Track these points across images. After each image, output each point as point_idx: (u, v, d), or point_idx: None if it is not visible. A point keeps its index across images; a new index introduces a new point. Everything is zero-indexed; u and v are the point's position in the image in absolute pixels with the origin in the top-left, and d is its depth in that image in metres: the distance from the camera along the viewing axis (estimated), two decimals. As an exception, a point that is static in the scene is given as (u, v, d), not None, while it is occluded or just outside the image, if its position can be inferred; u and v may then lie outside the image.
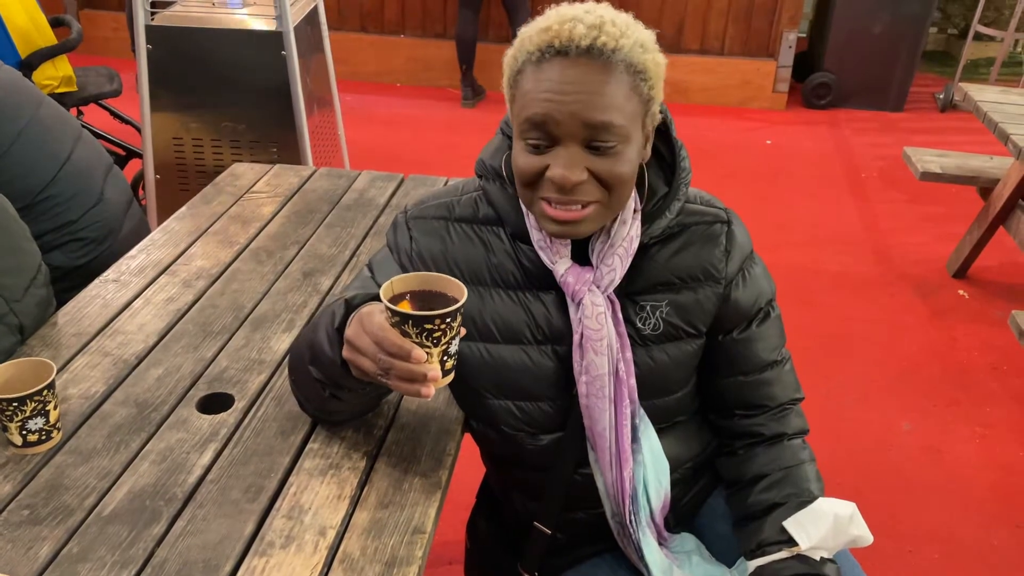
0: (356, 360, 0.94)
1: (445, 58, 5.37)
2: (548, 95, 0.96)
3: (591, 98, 0.95)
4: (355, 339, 0.94)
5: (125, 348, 1.34)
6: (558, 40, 0.95)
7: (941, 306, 3.13)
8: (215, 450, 1.13)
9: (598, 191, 0.99)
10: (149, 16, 2.64)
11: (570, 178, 0.96)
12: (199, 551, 0.97)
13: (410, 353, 0.88)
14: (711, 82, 5.21)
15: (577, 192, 0.98)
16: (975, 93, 3.16)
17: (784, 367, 1.21)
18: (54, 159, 1.78)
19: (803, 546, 1.09)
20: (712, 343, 1.18)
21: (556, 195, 0.99)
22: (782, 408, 1.20)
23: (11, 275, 1.35)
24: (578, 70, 0.95)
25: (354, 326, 0.95)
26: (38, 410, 1.08)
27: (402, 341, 0.89)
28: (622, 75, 0.96)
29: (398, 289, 0.94)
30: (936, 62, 5.96)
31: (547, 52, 0.96)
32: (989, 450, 2.40)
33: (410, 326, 0.89)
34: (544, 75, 0.96)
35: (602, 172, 0.98)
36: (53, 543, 0.97)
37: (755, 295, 1.16)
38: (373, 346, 0.91)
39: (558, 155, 0.97)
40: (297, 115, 2.72)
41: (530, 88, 0.97)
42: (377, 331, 0.90)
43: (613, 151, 0.97)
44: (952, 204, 3.85)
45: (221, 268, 1.60)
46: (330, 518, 1.02)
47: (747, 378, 1.19)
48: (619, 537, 1.20)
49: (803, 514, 1.12)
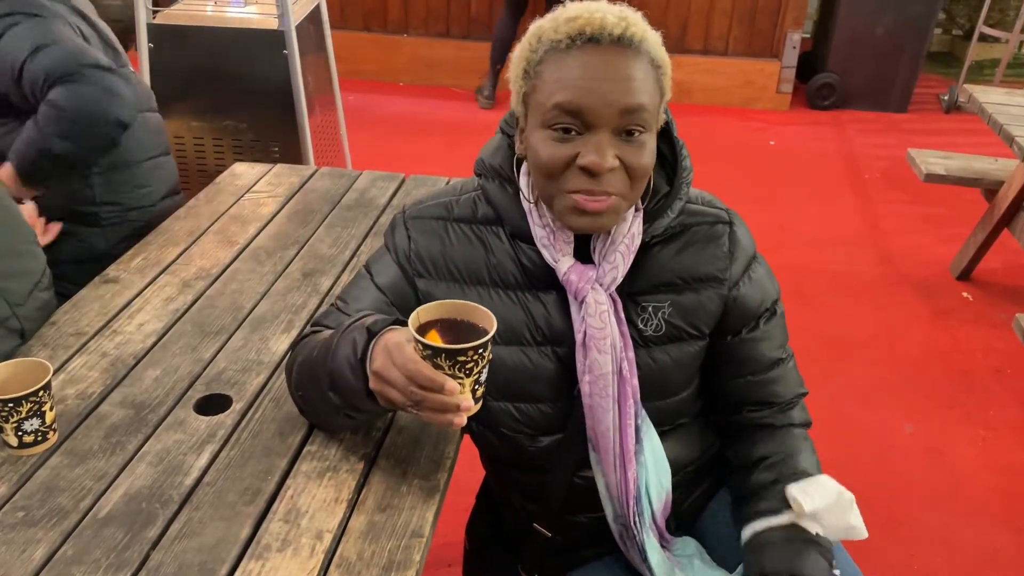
0: (385, 392, 0.93)
1: (448, 57, 5.36)
2: (583, 80, 0.95)
3: (627, 84, 0.95)
4: (384, 372, 0.92)
5: (123, 348, 1.33)
6: (589, 27, 0.96)
7: (944, 308, 3.11)
8: (212, 452, 1.12)
9: (622, 182, 0.99)
10: (150, 14, 2.63)
11: (603, 164, 0.96)
12: (195, 554, 0.96)
13: (443, 386, 0.88)
14: (715, 82, 5.20)
15: (606, 181, 0.97)
16: (980, 94, 3.15)
17: (788, 364, 1.21)
18: (145, 150, 1.92)
19: (807, 508, 1.07)
20: (718, 344, 1.17)
21: (586, 185, 0.98)
22: (789, 403, 1.21)
23: (16, 279, 1.34)
24: (613, 56, 0.96)
25: (382, 359, 0.93)
26: (34, 411, 1.08)
27: (435, 374, 0.88)
28: (648, 65, 0.98)
29: (424, 318, 0.92)
30: (940, 63, 5.94)
31: (577, 39, 0.96)
32: (992, 453, 2.39)
33: (443, 359, 0.88)
34: (575, 62, 0.96)
35: (630, 160, 0.98)
36: (48, 545, 0.96)
37: (761, 296, 1.16)
38: (403, 379, 0.90)
39: (588, 142, 0.97)
40: (299, 114, 2.71)
41: (560, 75, 0.97)
42: (409, 365, 0.89)
43: (640, 139, 0.98)
44: (956, 206, 3.83)
45: (221, 268, 1.59)
46: (327, 521, 1.01)
47: (755, 378, 1.18)
48: (621, 540, 1.20)
49: (808, 482, 1.11)
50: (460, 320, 0.94)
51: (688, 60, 5.12)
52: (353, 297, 1.16)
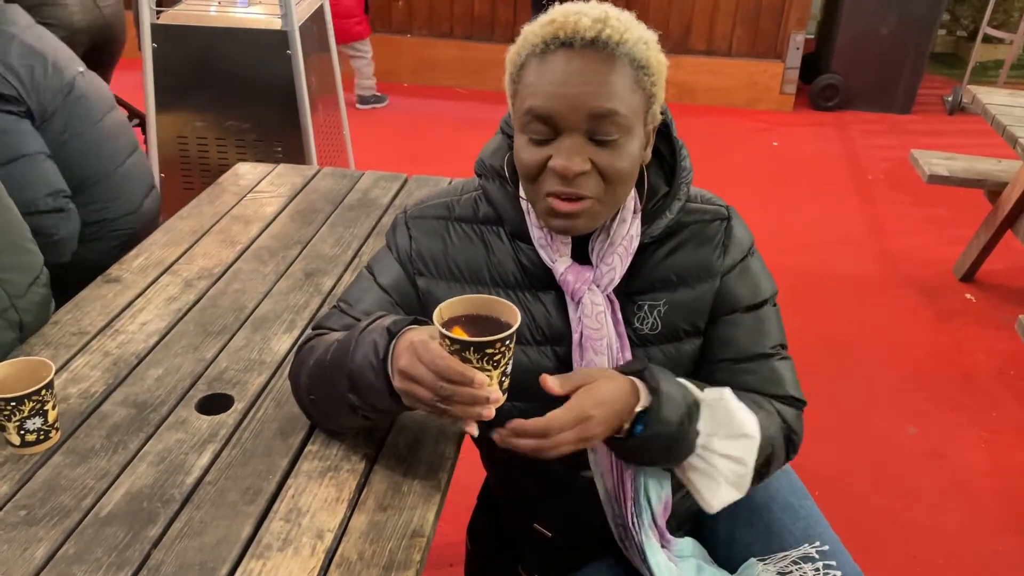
0: (412, 390, 0.93)
1: (451, 58, 5.37)
2: (552, 86, 0.96)
3: (595, 88, 0.95)
4: (411, 369, 0.92)
5: (125, 348, 1.33)
6: (563, 31, 0.96)
7: (947, 310, 3.11)
8: (214, 451, 1.12)
9: (597, 185, 0.99)
10: (154, 14, 2.64)
11: (572, 167, 0.96)
12: (196, 553, 0.96)
13: (473, 379, 0.88)
14: (718, 83, 5.20)
15: (578, 184, 0.98)
16: (984, 96, 3.15)
17: (776, 362, 1.15)
18: (110, 160, 1.90)
19: (704, 429, 1.02)
20: (705, 332, 1.15)
21: (559, 187, 0.98)
22: (774, 397, 1.14)
23: (15, 271, 1.35)
24: (583, 60, 0.95)
25: (407, 356, 0.93)
26: (36, 410, 1.08)
27: (463, 368, 0.89)
28: (626, 68, 0.97)
29: (447, 315, 0.93)
30: (944, 64, 5.93)
31: (552, 44, 0.96)
32: (995, 455, 2.38)
33: (471, 352, 0.88)
34: (548, 67, 0.96)
35: (604, 164, 0.98)
36: (49, 544, 0.96)
37: (751, 290, 1.13)
38: (431, 376, 0.90)
39: (561, 145, 0.97)
40: (302, 114, 2.72)
41: (533, 80, 0.97)
42: (437, 360, 0.89)
43: (615, 143, 0.97)
44: (959, 207, 3.83)
45: (223, 268, 1.59)
46: (328, 521, 1.01)
47: (735, 365, 1.14)
48: (621, 540, 1.19)
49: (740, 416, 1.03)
50: (483, 315, 0.94)
51: (691, 61, 5.12)
52: (356, 298, 1.16)
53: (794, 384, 1.17)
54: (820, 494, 1.40)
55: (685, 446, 1.03)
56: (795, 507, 1.23)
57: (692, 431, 1.02)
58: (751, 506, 1.24)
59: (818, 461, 2.30)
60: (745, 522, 1.23)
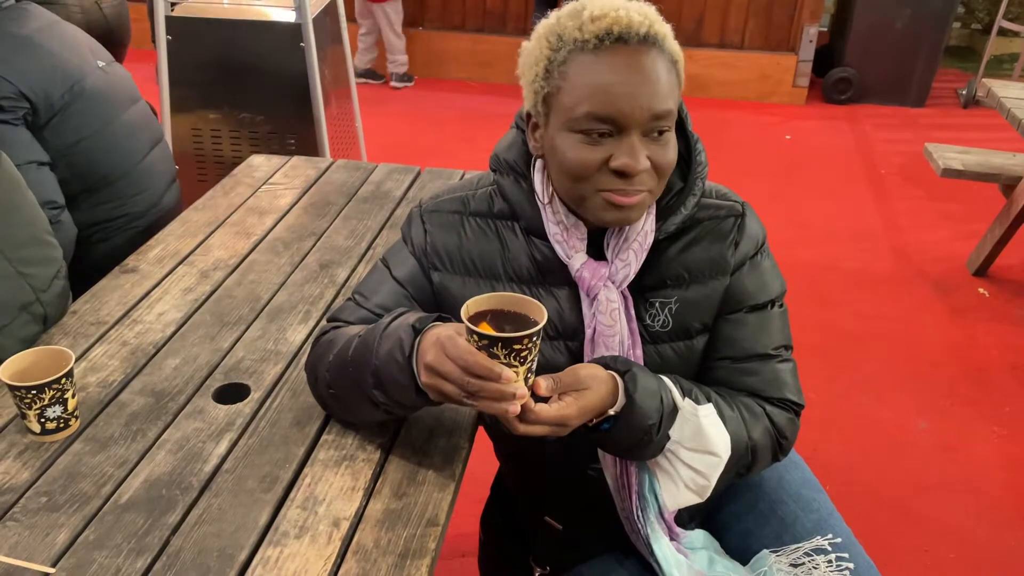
0: (439, 385, 0.94)
1: (463, 50, 5.37)
2: (615, 86, 0.95)
3: (656, 87, 0.96)
4: (438, 365, 0.93)
5: (143, 337, 1.35)
6: (617, 27, 0.95)
7: (961, 304, 3.10)
8: (231, 440, 1.13)
9: (651, 179, 1.00)
10: (169, 7, 2.66)
11: (638, 167, 0.97)
12: (214, 540, 0.97)
13: (500, 375, 0.89)
14: (731, 76, 5.18)
15: (638, 180, 0.99)
16: (999, 89, 3.13)
17: (777, 364, 1.14)
18: (131, 156, 1.89)
19: (674, 436, 1.03)
20: (711, 329, 1.14)
21: (618, 185, 0.99)
22: (770, 400, 1.14)
23: (39, 265, 1.36)
24: (642, 59, 0.96)
25: (434, 352, 0.93)
26: (56, 398, 1.10)
27: (491, 363, 0.89)
28: (669, 63, 0.98)
29: (472, 311, 0.94)
30: (959, 57, 5.89)
31: (606, 39, 0.96)
32: (1007, 450, 2.38)
33: (499, 348, 0.89)
34: (604, 65, 0.96)
35: (657, 159, 0.99)
36: (70, 530, 0.98)
37: (759, 286, 1.13)
38: (459, 371, 0.91)
39: (620, 145, 0.97)
40: (315, 107, 2.73)
41: (590, 79, 0.96)
42: (465, 356, 0.90)
43: (665, 137, 0.99)
44: (973, 201, 3.81)
45: (238, 259, 1.61)
46: (344, 509, 1.03)
47: (734, 364, 1.14)
48: (630, 532, 1.20)
49: (711, 429, 1.03)
50: (510, 311, 0.95)
51: (704, 54, 5.10)
52: (371, 290, 1.17)
53: (794, 387, 1.16)
54: (832, 487, 1.40)
55: (650, 449, 1.05)
56: (808, 500, 1.23)
57: (661, 437, 1.04)
58: (764, 498, 1.24)
59: (830, 454, 2.31)
60: (758, 514, 1.23)
